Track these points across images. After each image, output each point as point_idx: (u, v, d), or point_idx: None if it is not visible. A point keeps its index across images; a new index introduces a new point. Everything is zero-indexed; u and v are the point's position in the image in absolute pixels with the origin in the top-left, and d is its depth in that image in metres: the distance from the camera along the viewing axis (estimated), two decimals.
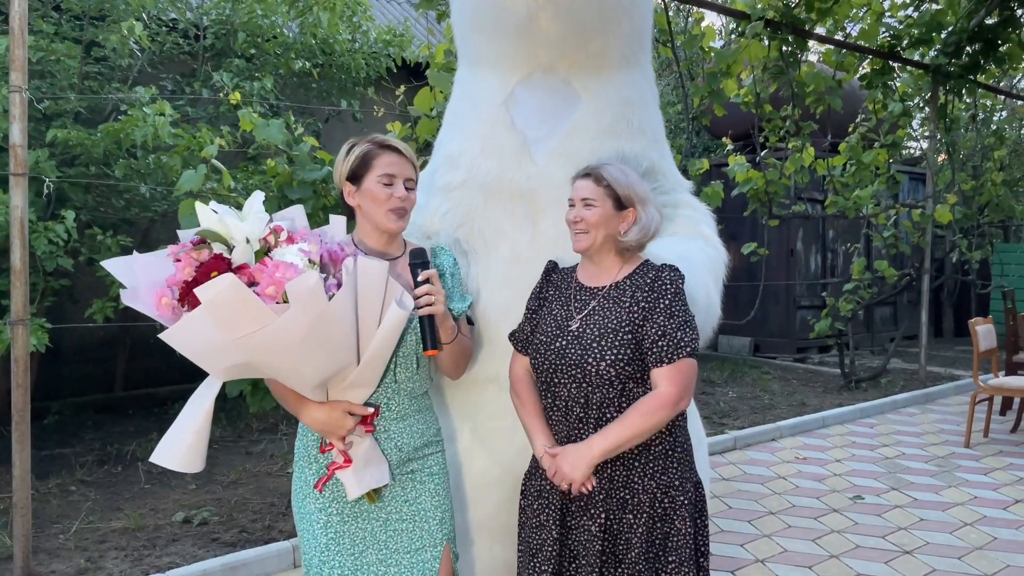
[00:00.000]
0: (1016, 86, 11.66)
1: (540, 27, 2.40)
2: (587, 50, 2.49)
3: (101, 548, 3.88)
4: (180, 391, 6.98)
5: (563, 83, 2.53)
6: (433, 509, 2.06)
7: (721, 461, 5.66)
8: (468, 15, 2.60)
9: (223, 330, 1.63)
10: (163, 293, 1.69)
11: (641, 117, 2.62)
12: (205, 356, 1.71)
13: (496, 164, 2.48)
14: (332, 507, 2.00)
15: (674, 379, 1.94)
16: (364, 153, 2.02)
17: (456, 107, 2.72)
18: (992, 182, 9.64)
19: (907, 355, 10.11)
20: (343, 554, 1.98)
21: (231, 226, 1.69)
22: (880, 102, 8.16)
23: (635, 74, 2.65)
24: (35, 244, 4.41)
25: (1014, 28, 7.65)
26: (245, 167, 5.15)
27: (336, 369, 1.84)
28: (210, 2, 6.75)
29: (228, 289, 1.58)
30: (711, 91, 6.63)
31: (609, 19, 2.47)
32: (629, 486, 2.01)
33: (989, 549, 4.11)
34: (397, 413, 2.03)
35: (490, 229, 2.42)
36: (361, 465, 1.93)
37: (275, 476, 4.99)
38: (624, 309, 2.01)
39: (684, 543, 2.00)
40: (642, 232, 2.06)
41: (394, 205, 2.00)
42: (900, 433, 6.56)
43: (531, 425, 2.08)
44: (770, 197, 7.46)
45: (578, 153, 2.45)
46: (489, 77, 2.56)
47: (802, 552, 4.04)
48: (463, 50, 2.72)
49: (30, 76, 4.20)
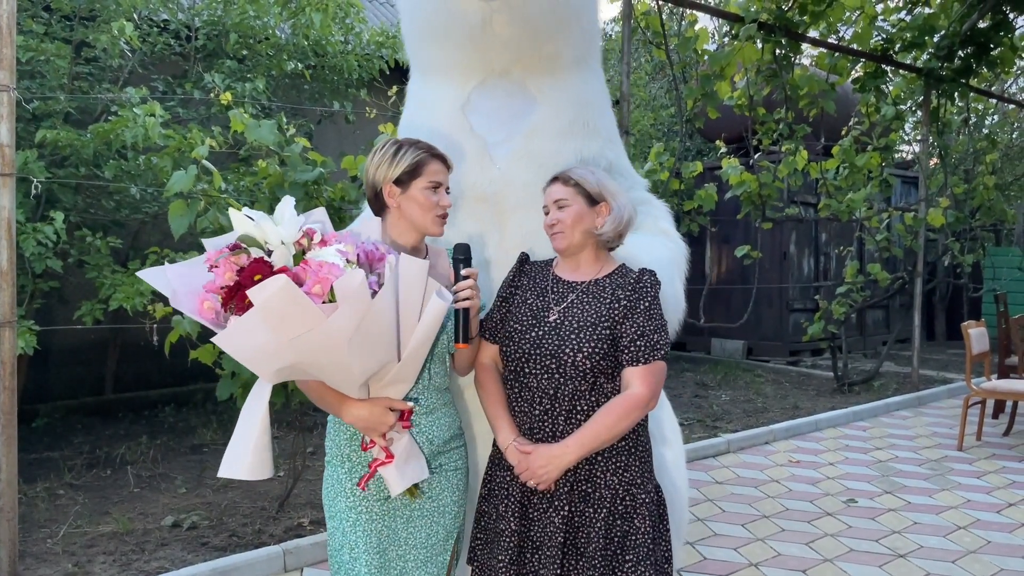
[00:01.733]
0: (1008, 90, 11.69)
1: (494, 32, 2.41)
2: (541, 53, 2.51)
3: (89, 552, 3.84)
4: (170, 394, 6.95)
5: (519, 86, 2.54)
6: (451, 504, 2.13)
7: (714, 464, 5.65)
8: (420, 25, 2.60)
9: (275, 332, 1.66)
10: (204, 298, 1.71)
11: (596, 117, 2.64)
12: (256, 359, 1.73)
13: (457, 170, 2.48)
14: (362, 505, 2.05)
15: (647, 379, 2.00)
16: (417, 161, 2.08)
17: (412, 117, 2.70)
18: (984, 186, 9.65)
19: (900, 358, 10.13)
20: (370, 552, 2.03)
21: (267, 230, 1.72)
22: (873, 105, 8.17)
23: (588, 75, 2.66)
24: (23, 245, 4.37)
25: (1006, 32, 7.68)
26: (236, 168, 5.11)
27: (379, 366, 1.88)
28: (202, 3, 6.72)
29: (281, 290, 1.61)
30: (704, 94, 6.62)
31: (561, 21, 2.48)
32: (592, 480, 2.05)
33: (982, 553, 4.11)
34: (427, 407, 2.10)
35: (457, 234, 2.41)
36: (402, 460, 1.97)
37: (265, 480, 4.95)
38: (604, 305, 2.06)
39: (643, 542, 2.03)
40: (616, 222, 2.12)
41: (441, 212, 2.09)
42: (893, 436, 6.56)
43: (496, 416, 2.11)
44: (763, 200, 7.47)
45: (539, 154, 2.46)
46: (444, 85, 2.56)
47: (795, 556, 4.03)
48: (416, 60, 2.72)
49: (19, 76, 4.17)
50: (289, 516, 4.30)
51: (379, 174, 2.09)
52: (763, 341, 10.08)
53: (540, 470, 1.97)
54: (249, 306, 1.63)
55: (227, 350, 1.69)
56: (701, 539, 4.21)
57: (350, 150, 5.76)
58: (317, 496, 4.55)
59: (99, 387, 6.87)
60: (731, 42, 6.79)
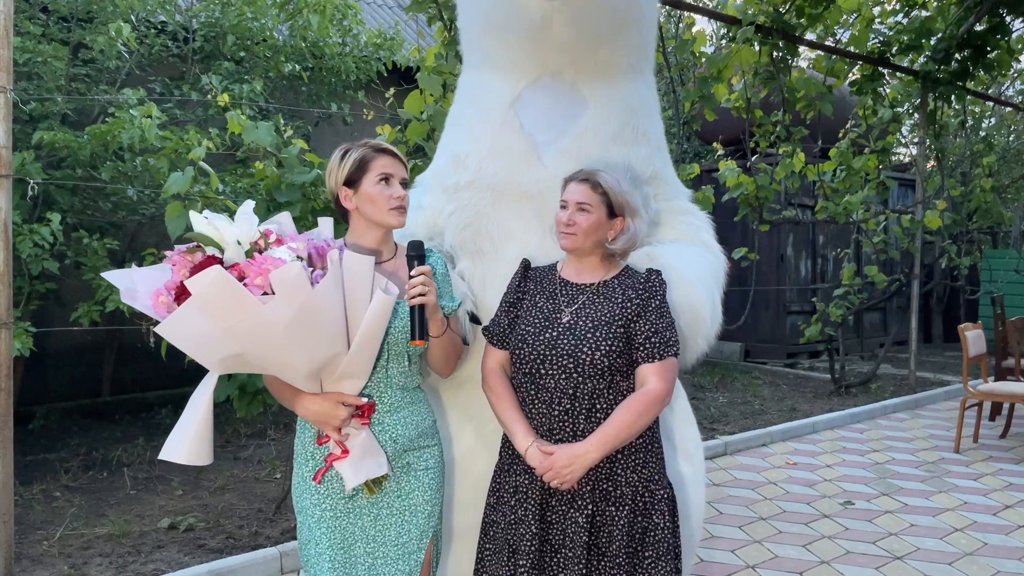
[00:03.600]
0: (1005, 93, 11.71)
1: (553, 31, 2.40)
2: (595, 57, 2.50)
3: (85, 555, 3.84)
4: (167, 396, 6.93)
5: (571, 88, 2.53)
6: (423, 504, 2.13)
7: (712, 466, 5.65)
8: (480, 18, 2.59)
9: (213, 320, 1.73)
10: (159, 293, 1.80)
11: (646, 125, 2.64)
12: (199, 348, 1.80)
13: (504, 166, 2.48)
14: (326, 502, 2.07)
15: (663, 375, 2.04)
16: (360, 157, 2.10)
17: (461, 108, 2.71)
18: (981, 188, 9.67)
19: (897, 360, 10.14)
20: (334, 547, 2.05)
21: (222, 229, 1.80)
22: (870, 108, 8.19)
23: (639, 83, 2.66)
24: (20, 247, 4.37)
25: (1003, 35, 7.69)
26: (233, 170, 5.12)
27: (325, 358, 1.91)
28: (199, 4, 6.72)
29: (216, 279, 1.69)
30: (702, 96, 6.62)
31: (620, 27, 2.49)
32: (612, 478, 2.06)
33: (979, 555, 4.11)
34: (389, 406, 2.10)
35: (498, 230, 2.42)
36: (358, 456, 2.01)
37: (262, 482, 4.95)
38: (617, 304, 2.09)
39: (663, 538, 2.06)
40: (628, 242, 2.15)
41: (394, 204, 2.09)
42: (890, 438, 6.57)
43: (511, 419, 2.10)
44: (760, 202, 7.47)
45: (587, 157, 2.45)
46: (496, 80, 2.56)
47: (793, 558, 4.03)
48: (470, 53, 2.72)
49: (16, 78, 4.17)
50: (286, 518, 4.29)
51: (332, 181, 2.13)
52: (760, 343, 10.09)
53: (564, 470, 1.98)
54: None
55: (170, 339, 1.77)
56: (698, 541, 4.21)
57: None
58: None
59: (96, 389, 6.86)
60: (728, 44, 6.80)
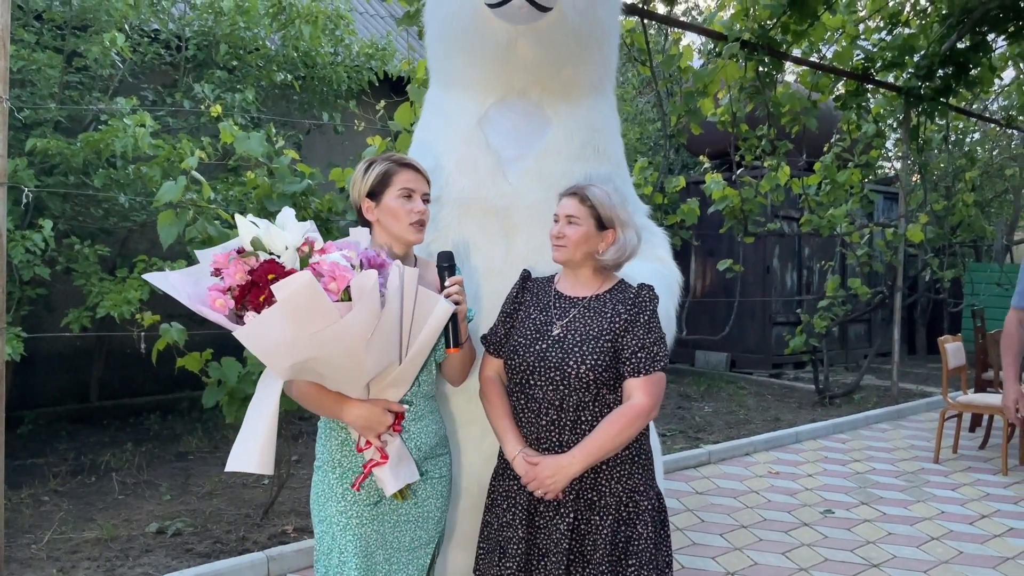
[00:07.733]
0: (988, 108, 11.88)
1: (518, 53, 2.51)
2: (560, 77, 2.60)
3: (73, 558, 3.87)
4: (156, 402, 6.96)
5: (535, 107, 2.64)
6: (435, 510, 2.19)
7: (695, 475, 5.72)
8: (448, 39, 2.68)
9: (297, 326, 1.73)
10: (216, 296, 1.78)
11: (606, 143, 2.74)
12: (274, 353, 1.79)
13: (471, 181, 2.56)
14: (352, 510, 2.09)
15: (649, 390, 2.07)
16: (384, 171, 2.15)
17: (429, 125, 2.80)
18: (964, 202, 9.81)
19: (880, 372, 10.24)
20: (359, 555, 2.08)
21: (274, 235, 1.82)
22: (854, 123, 8.32)
23: (602, 102, 2.76)
24: (12, 253, 4.40)
25: (984, 52, 7.83)
26: (225, 179, 5.16)
27: (384, 367, 1.94)
28: (192, 13, 6.77)
29: (305, 286, 1.70)
30: (688, 110, 6.73)
31: (582, 49, 2.59)
32: (597, 488, 2.11)
33: (955, 563, 4.19)
34: (415, 414, 2.15)
35: (464, 243, 2.49)
36: (395, 461, 2.03)
37: (250, 487, 4.99)
38: (606, 319, 2.13)
39: (645, 547, 2.10)
40: (619, 253, 2.18)
41: (414, 219, 2.13)
42: (872, 449, 6.65)
43: (502, 427, 2.16)
44: (746, 215, 7.56)
45: (550, 174, 2.54)
46: (463, 98, 2.65)
47: (772, 565, 4.10)
48: (438, 72, 2.81)
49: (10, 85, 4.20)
50: (273, 523, 4.33)
51: (355, 192, 2.17)
52: (746, 354, 10.18)
53: (548, 480, 2.03)
54: (266, 302, 1.72)
55: (246, 344, 1.75)
56: (679, 548, 4.27)
57: (339, 161, 5.83)
58: (301, 503, 4.59)
59: (85, 394, 6.87)
60: (715, 60, 6.91)
